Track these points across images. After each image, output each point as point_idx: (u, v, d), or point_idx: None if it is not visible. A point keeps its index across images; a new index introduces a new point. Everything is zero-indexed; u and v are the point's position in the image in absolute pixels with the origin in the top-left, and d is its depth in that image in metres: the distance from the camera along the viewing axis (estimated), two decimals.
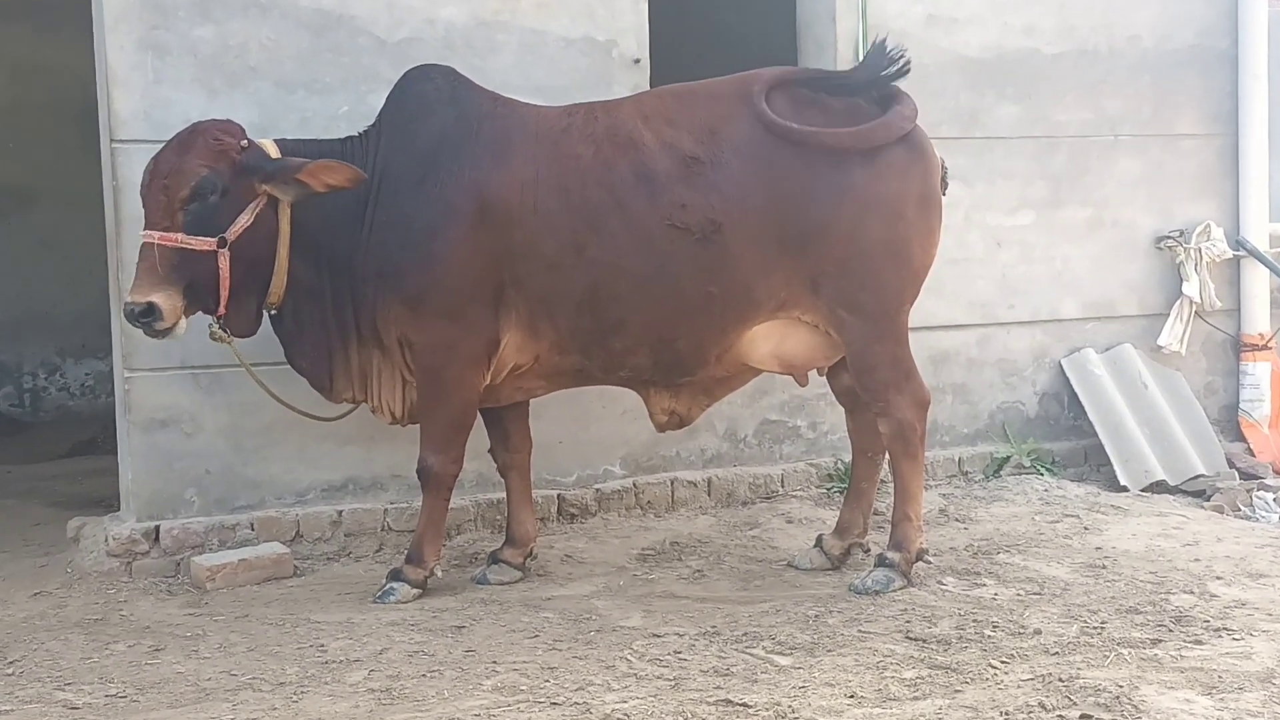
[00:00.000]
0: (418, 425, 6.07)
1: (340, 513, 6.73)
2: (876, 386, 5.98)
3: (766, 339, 6.03)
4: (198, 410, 6.56)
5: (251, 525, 6.59)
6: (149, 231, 5.60)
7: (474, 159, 5.81)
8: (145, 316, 5.55)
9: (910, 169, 5.95)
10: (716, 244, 5.78)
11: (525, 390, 6.15)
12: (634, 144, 5.84)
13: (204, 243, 5.60)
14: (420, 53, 6.71)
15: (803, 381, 6.44)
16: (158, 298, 5.55)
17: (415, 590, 5.95)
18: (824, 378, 6.52)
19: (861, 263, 5.85)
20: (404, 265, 5.77)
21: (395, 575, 6.01)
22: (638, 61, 7.24)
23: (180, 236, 5.57)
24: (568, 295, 5.70)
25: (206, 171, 5.61)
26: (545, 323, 5.84)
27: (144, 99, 6.42)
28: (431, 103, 5.95)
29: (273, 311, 5.95)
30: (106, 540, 6.44)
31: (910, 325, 6.46)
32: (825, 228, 5.82)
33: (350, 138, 6.05)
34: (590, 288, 5.77)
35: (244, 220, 5.65)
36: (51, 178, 10.68)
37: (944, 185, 6.13)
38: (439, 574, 6.07)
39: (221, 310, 5.73)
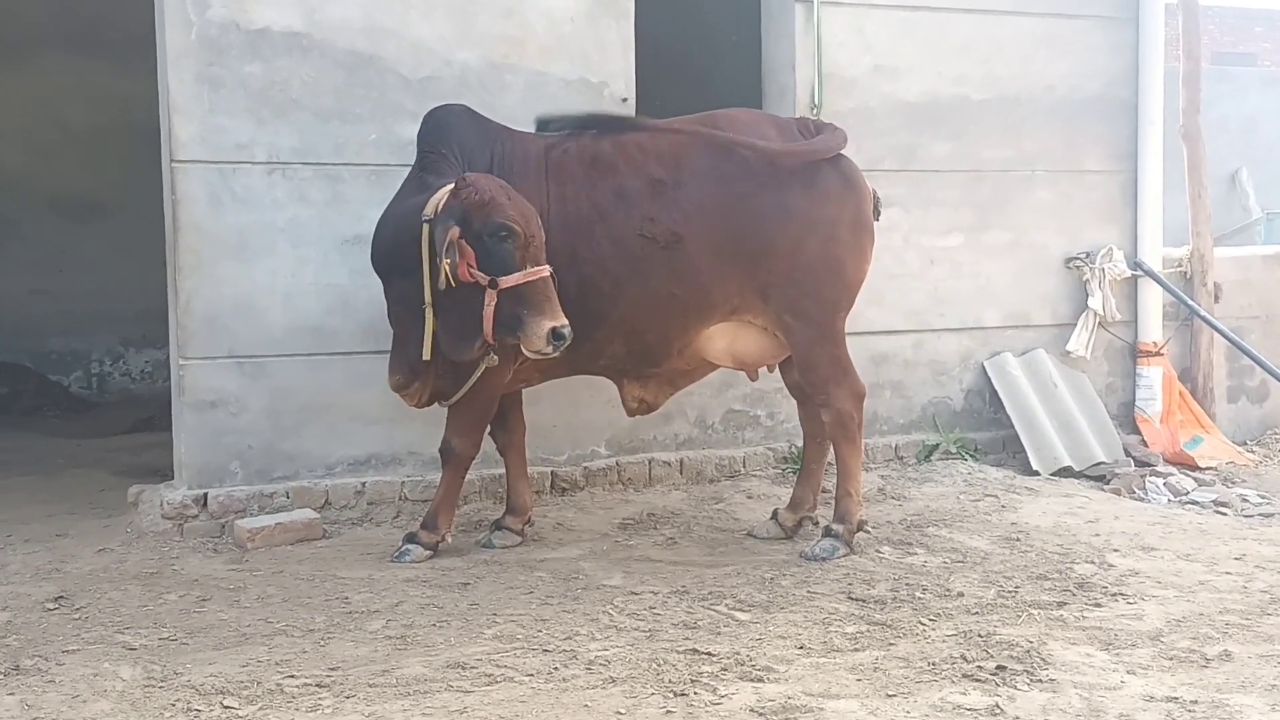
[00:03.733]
0: (429, 409, 6.07)
1: (364, 484, 6.70)
2: (818, 382, 6.02)
3: (722, 337, 6.07)
4: (242, 394, 6.54)
5: (287, 494, 6.57)
6: (548, 268, 5.47)
7: (507, 176, 5.73)
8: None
9: (845, 195, 6.01)
10: (679, 252, 5.83)
11: (523, 380, 6.14)
12: (612, 168, 5.90)
13: None
14: (439, 90, 6.70)
15: (753, 377, 6.49)
16: None
17: (427, 552, 5.93)
18: (777, 374, 6.54)
19: (803, 275, 5.90)
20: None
21: (411, 538, 5.99)
22: (625, 100, 7.22)
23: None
24: (564, 292, 5.66)
25: None
26: None
27: (201, 125, 6.41)
28: (470, 134, 5.93)
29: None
30: (161, 505, 6.43)
31: (854, 330, 6.45)
32: (772, 244, 5.87)
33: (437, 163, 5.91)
34: (580, 285, 5.77)
35: None
36: (121, 192, 10.66)
37: (877, 212, 6.17)
38: (450, 540, 6.05)
39: None
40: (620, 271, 5.84)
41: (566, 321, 5.38)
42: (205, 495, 6.46)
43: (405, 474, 6.82)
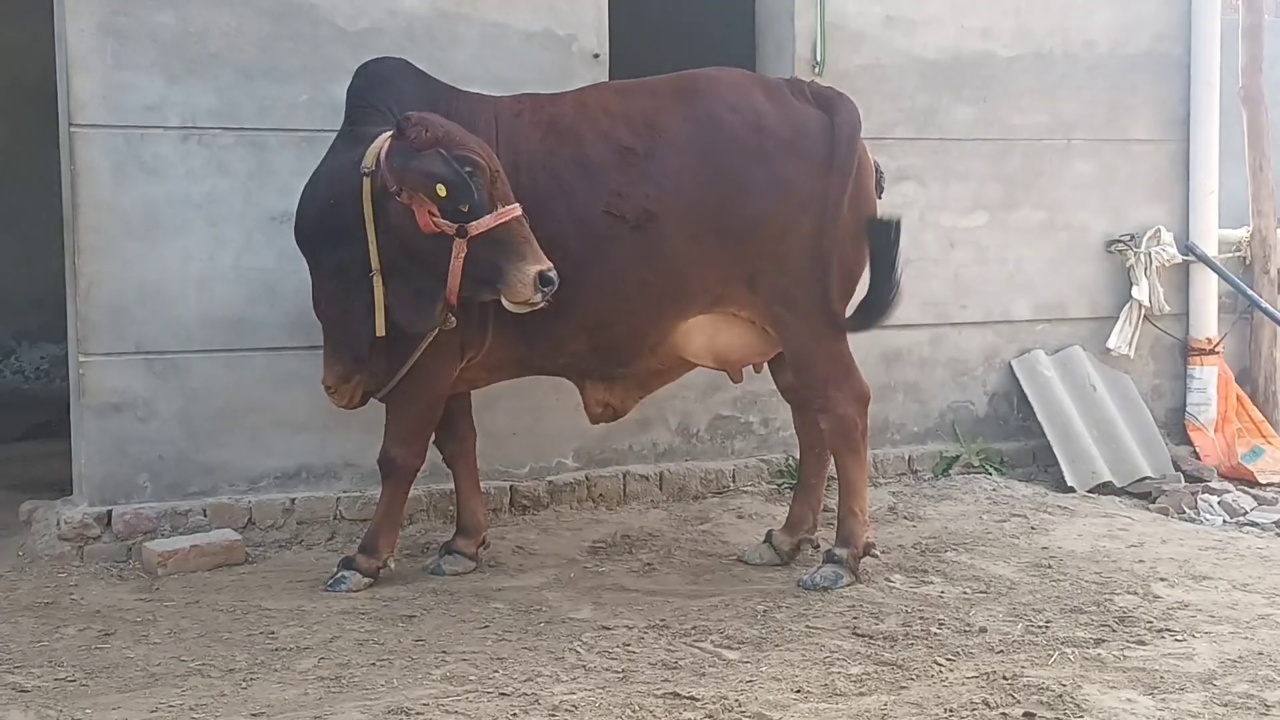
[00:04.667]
0: (363, 413, 6.10)
1: (293, 500, 6.72)
2: (816, 383, 6.05)
3: (701, 332, 6.09)
4: (152, 395, 6.54)
5: (204, 511, 6.57)
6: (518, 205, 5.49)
7: None
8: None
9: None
10: (652, 233, 5.85)
11: (467, 382, 6.16)
12: (574, 134, 5.92)
13: None
14: (381, 43, 6.70)
15: (737, 378, 6.49)
16: None
17: (367, 579, 5.94)
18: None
19: (797, 260, 5.92)
20: (392, 255, 5.67)
21: (347, 564, 6.00)
22: (597, 56, 7.24)
23: None
24: None
25: None
26: (495, 309, 5.73)
27: (103, 84, 6.39)
28: (411, 90, 5.92)
29: None
30: (58, 524, 6.41)
31: None
32: (760, 223, 5.89)
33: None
34: None
35: None
36: (10, 161, 10.59)
37: (879, 188, 6.20)
38: (392, 565, 6.05)
39: None
40: (583, 254, 5.81)
41: (551, 265, 5.39)
42: (109, 513, 6.45)
43: (341, 489, 6.83)
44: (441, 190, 5.36)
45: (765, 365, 6.49)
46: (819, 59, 7.67)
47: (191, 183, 6.56)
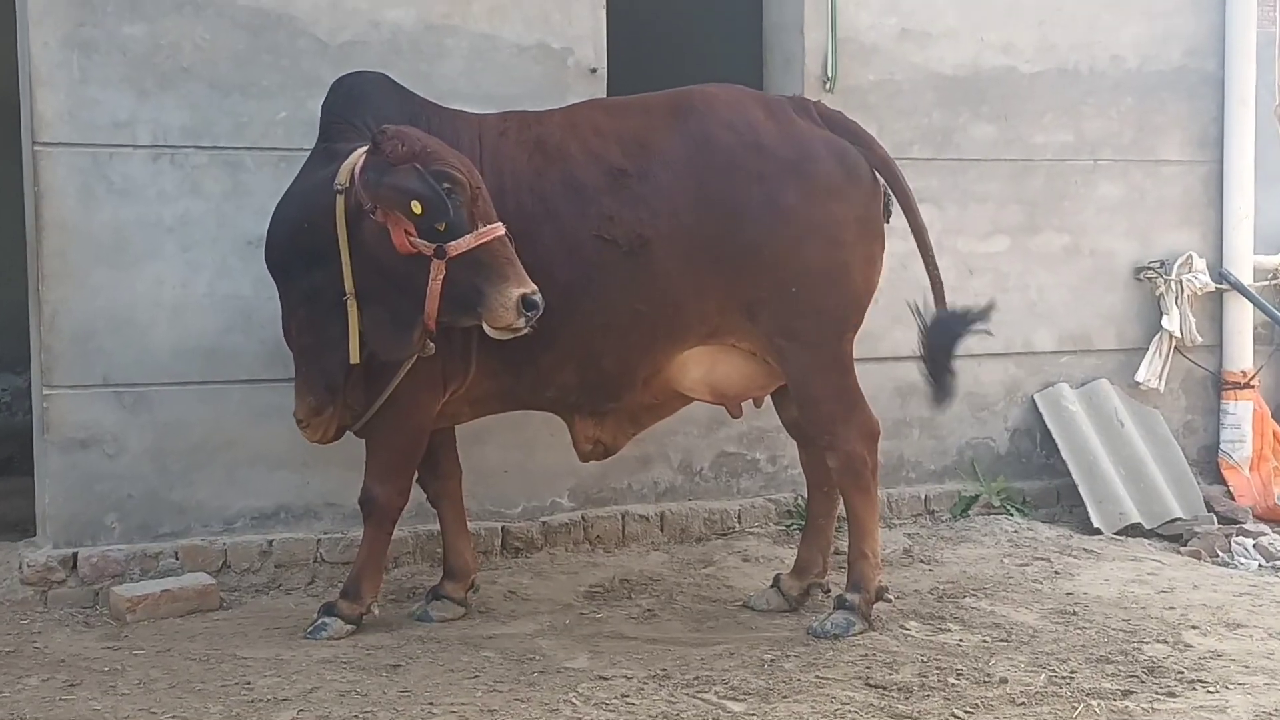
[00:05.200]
0: (345, 448, 6.10)
1: (270, 542, 6.72)
2: (822, 419, 6.05)
3: (698, 364, 6.10)
4: (121, 430, 6.54)
5: (176, 554, 6.57)
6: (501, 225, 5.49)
7: None
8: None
9: (849, 190, 6.04)
10: (644, 259, 5.85)
11: (450, 416, 6.16)
12: (563, 154, 5.93)
13: None
14: (364, 57, 6.72)
15: (735, 413, 6.48)
16: None
17: (349, 626, 5.93)
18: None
19: (801, 288, 5.92)
20: (371, 282, 5.67)
21: (328, 610, 5.99)
22: (594, 71, 7.27)
23: None
24: None
25: None
26: (479, 339, 5.75)
27: (69, 99, 6.41)
28: (387, 106, 5.93)
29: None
30: (21, 567, 6.41)
31: (876, 355, 6.48)
32: (761, 249, 5.90)
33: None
34: None
35: None
36: None
37: (887, 211, 6.22)
38: (376, 611, 6.04)
39: None
40: (572, 282, 5.82)
41: (536, 287, 5.37)
42: (75, 555, 6.45)
43: (321, 530, 6.83)
44: (417, 207, 5.34)
45: (767, 400, 6.50)
46: (830, 75, 7.70)
47: (163, 204, 6.56)
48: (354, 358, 5.64)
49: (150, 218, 6.55)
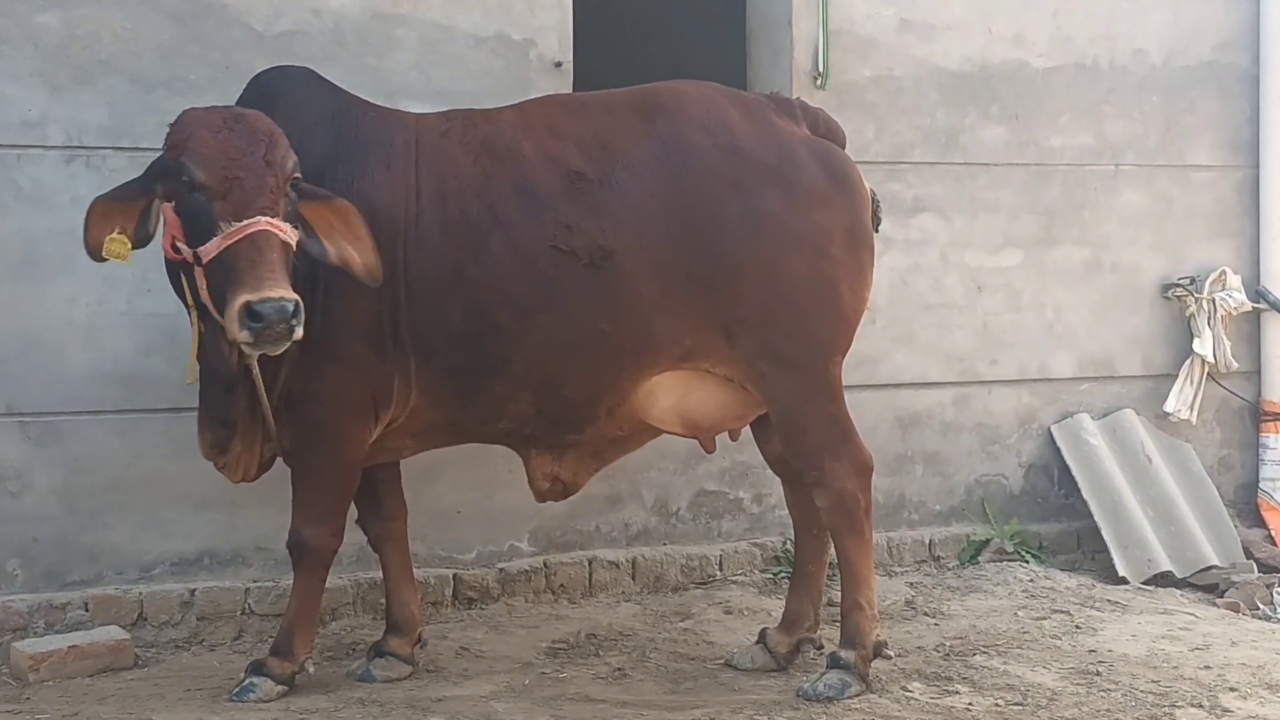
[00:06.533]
0: (278, 487, 6.02)
1: (193, 592, 6.68)
2: (809, 452, 5.99)
3: (669, 392, 6.06)
4: (26, 465, 6.53)
5: (85, 605, 6.53)
6: (269, 220, 5.26)
7: (360, 165, 5.79)
8: (295, 317, 5.16)
9: (836, 198, 6.01)
10: (608, 274, 5.81)
11: (391, 450, 6.13)
12: (514, 155, 5.88)
13: (293, 238, 5.36)
14: (304, 48, 6.73)
15: (709, 447, 6.43)
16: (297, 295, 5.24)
17: (280, 687, 5.86)
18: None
19: (785, 307, 5.90)
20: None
21: (257, 669, 5.91)
22: (559, 65, 7.29)
23: (289, 228, 5.32)
24: (445, 326, 5.68)
25: (295, 157, 5.43)
26: (420, 363, 5.78)
27: None
28: (307, 105, 5.89)
29: None
30: None
31: (874, 382, 6.45)
32: (740, 264, 5.87)
33: None
34: (469, 316, 5.75)
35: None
36: None
37: (876, 220, 6.21)
38: (310, 669, 5.99)
39: None
40: (526, 299, 5.79)
41: (276, 294, 5.13)
42: None
43: (250, 577, 6.80)
44: (169, 207, 5.34)
45: (744, 432, 6.46)
46: (821, 69, 7.72)
47: (77, 212, 6.31)
48: (189, 377, 5.63)
49: (63, 227, 6.47)
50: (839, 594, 6.19)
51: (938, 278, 7.92)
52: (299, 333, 5.14)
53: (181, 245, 5.29)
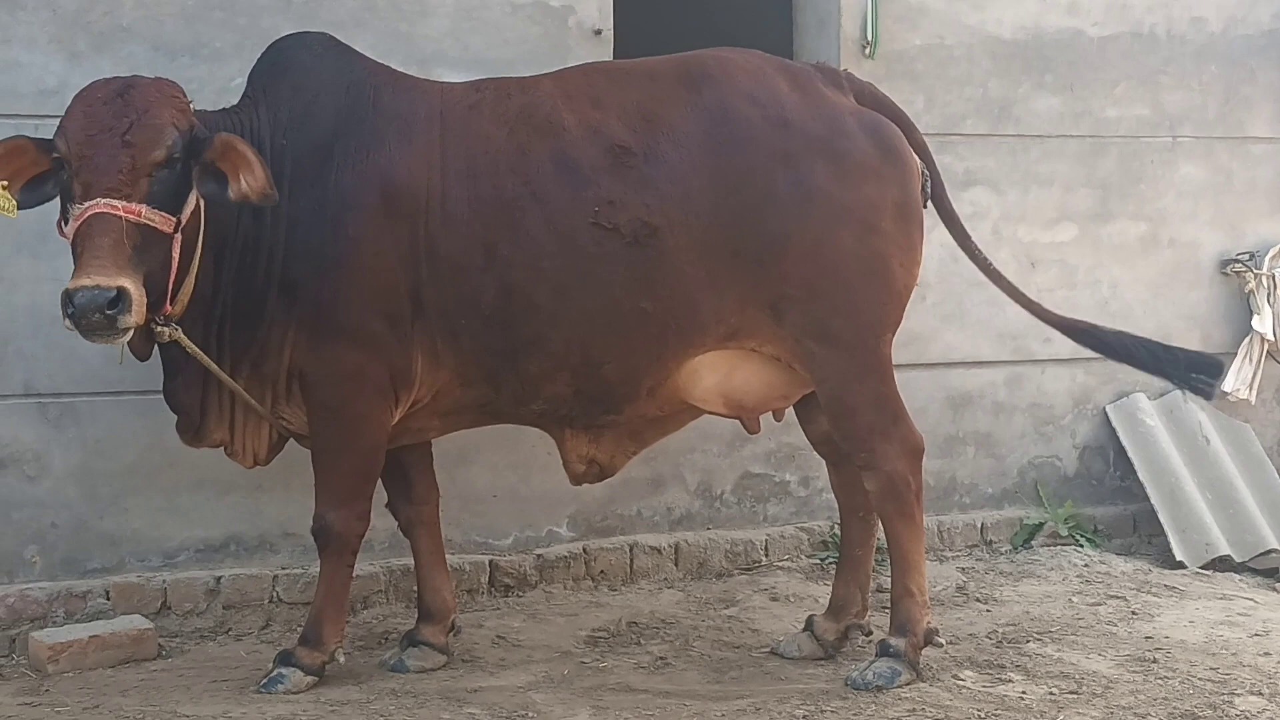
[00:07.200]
0: (307, 470, 5.94)
1: (218, 579, 6.67)
2: (859, 433, 5.96)
3: (713, 371, 6.02)
4: (44, 448, 6.51)
5: (107, 593, 6.51)
6: (109, 201, 5.16)
7: (376, 137, 5.71)
8: (112, 307, 5.02)
9: (886, 172, 5.98)
10: (652, 250, 5.76)
11: (416, 431, 6.08)
12: (553, 127, 5.82)
13: (166, 221, 5.23)
14: (333, 13, 6.72)
15: (753, 428, 6.43)
16: (128, 283, 5.07)
17: (310, 678, 5.82)
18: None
19: (833, 283, 5.85)
20: (300, 273, 5.62)
21: (286, 659, 5.87)
22: (599, 32, 7.23)
23: (145, 210, 5.18)
24: (475, 305, 5.62)
25: (177, 133, 5.30)
26: (447, 343, 5.74)
27: None
28: (318, 73, 5.83)
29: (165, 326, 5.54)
30: None
31: (924, 361, 6.37)
32: (787, 239, 5.82)
33: (227, 111, 5.83)
34: (502, 295, 5.70)
35: (192, 202, 5.34)
36: None
37: (925, 195, 6.16)
38: (340, 658, 5.94)
39: (169, 308, 5.38)
40: (564, 277, 5.73)
41: (90, 281, 5.00)
42: None
43: (279, 564, 6.77)
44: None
45: (788, 412, 6.43)
46: (870, 38, 7.66)
47: None
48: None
49: None
50: (888, 579, 6.19)
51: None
52: (125, 323, 5.01)
53: (62, 223, 5.28)
